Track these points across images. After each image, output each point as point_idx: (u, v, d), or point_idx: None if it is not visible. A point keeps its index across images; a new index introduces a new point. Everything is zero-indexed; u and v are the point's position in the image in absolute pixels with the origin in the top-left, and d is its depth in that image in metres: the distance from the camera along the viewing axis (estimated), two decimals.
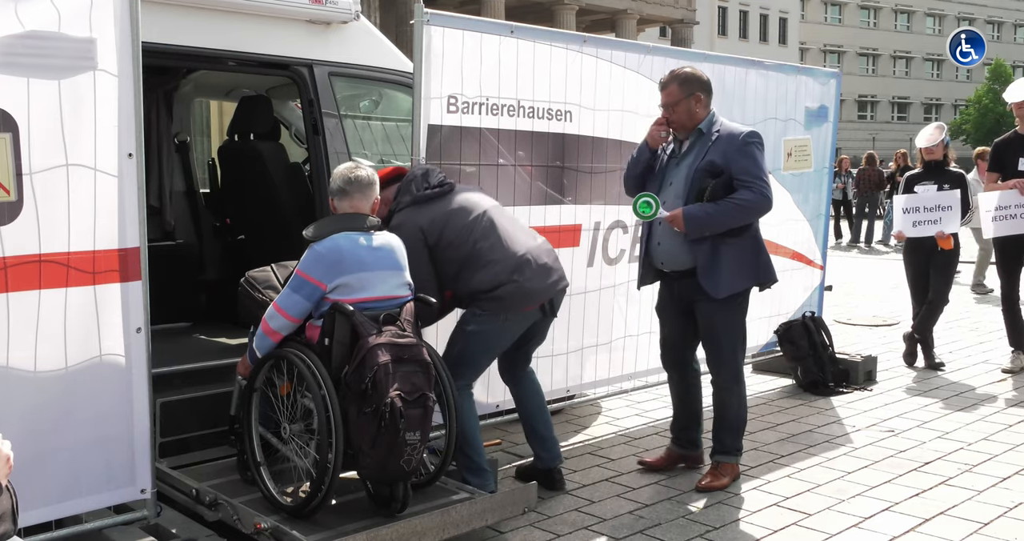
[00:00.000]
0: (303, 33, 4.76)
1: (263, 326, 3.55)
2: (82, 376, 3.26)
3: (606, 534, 3.86)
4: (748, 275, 4.35)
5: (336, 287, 3.45)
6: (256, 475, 3.64)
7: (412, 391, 3.33)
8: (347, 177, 3.64)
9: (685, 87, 4.28)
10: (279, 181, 5.49)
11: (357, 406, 3.29)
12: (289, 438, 3.56)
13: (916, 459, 4.82)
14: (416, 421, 3.31)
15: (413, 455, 3.34)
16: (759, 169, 4.22)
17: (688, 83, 4.29)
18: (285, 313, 3.50)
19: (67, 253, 3.17)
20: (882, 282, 11.98)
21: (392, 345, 3.34)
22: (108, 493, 3.41)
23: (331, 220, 3.64)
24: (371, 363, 3.27)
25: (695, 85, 4.30)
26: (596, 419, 5.60)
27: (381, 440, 3.26)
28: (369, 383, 3.25)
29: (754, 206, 4.19)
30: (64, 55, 3.13)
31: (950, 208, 6.59)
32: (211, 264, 6.33)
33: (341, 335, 3.39)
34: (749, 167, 4.19)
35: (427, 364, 3.44)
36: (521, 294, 3.94)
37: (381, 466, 3.34)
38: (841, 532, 3.88)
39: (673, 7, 39.07)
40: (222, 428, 4.08)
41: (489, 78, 4.45)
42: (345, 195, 3.64)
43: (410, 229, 3.88)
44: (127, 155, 3.31)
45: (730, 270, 4.25)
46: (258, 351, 3.61)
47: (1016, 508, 4.12)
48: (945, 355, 7.15)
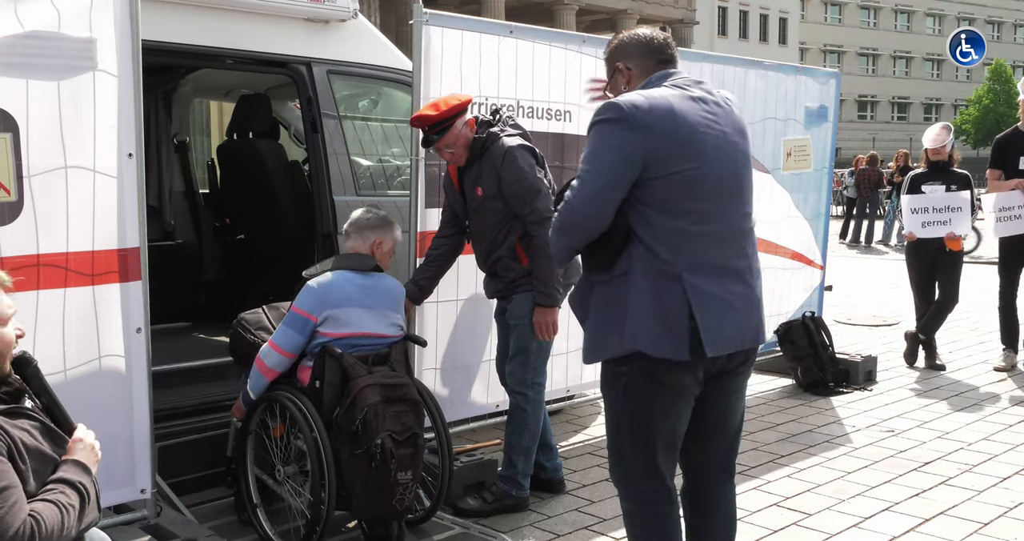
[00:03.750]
0: (301, 31, 4.76)
1: (258, 365, 3.57)
2: (82, 377, 3.25)
3: (606, 534, 3.86)
4: None
5: (325, 319, 3.50)
6: (253, 517, 3.70)
7: (403, 431, 3.38)
8: (353, 220, 3.78)
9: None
10: (278, 180, 5.50)
11: (348, 447, 3.34)
12: (284, 479, 3.60)
13: (916, 459, 4.81)
14: (407, 460, 3.36)
15: (405, 494, 3.39)
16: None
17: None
18: (279, 348, 3.52)
19: (66, 254, 3.17)
20: (882, 282, 11.97)
21: (382, 385, 3.41)
22: (108, 493, 3.38)
23: (330, 260, 3.74)
24: (361, 404, 3.33)
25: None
26: (596, 419, 5.60)
27: (373, 481, 3.31)
28: (360, 424, 3.30)
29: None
30: (64, 55, 3.13)
31: (960, 209, 6.58)
32: (211, 264, 6.34)
33: (332, 377, 3.44)
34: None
35: (417, 403, 3.51)
36: (575, 267, 3.96)
37: (374, 506, 3.39)
38: (841, 532, 3.88)
39: (673, 7, 39.10)
40: (219, 469, 4.07)
41: (488, 78, 4.45)
42: (349, 236, 3.77)
43: (529, 150, 3.89)
44: (127, 155, 3.31)
45: None
46: (252, 392, 3.63)
47: (1016, 508, 4.12)
48: (945, 355, 7.14)
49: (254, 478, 3.72)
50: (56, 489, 1.98)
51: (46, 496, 1.94)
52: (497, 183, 3.85)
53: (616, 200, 2.53)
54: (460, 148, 3.92)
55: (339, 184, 4.82)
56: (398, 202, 4.90)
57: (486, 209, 3.94)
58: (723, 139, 2.61)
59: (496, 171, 3.84)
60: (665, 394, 2.62)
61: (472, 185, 3.96)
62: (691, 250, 2.54)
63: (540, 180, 3.85)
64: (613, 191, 2.52)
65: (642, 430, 2.65)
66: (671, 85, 2.65)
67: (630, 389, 2.64)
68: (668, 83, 2.67)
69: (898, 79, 71.11)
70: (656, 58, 2.77)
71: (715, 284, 2.55)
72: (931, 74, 73.15)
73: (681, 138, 2.53)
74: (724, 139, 2.61)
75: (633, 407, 2.65)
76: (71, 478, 2.02)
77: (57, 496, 1.95)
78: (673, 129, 2.53)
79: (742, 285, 2.63)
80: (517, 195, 3.83)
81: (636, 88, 2.70)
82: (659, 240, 2.53)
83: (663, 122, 2.52)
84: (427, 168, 4.29)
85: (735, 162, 2.65)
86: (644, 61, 2.76)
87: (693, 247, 2.54)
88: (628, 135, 2.50)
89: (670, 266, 2.52)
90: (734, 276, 2.61)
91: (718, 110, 2.64)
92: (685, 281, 2.51)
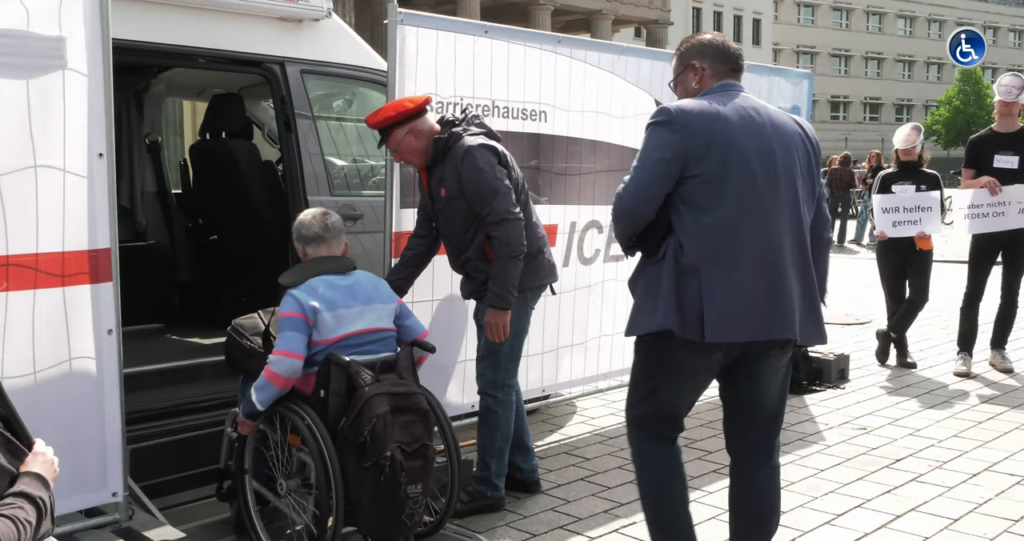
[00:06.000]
0: (274, 30, 4.73)
1: (267, 373, 3.32)
2: (52, 379, 3.21)
3: (582, 533, 3.87)
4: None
5: (316, 322, 3.35)
6: (254, 535, 3.55)
7: (412, 442, 3.22)
8: (324, 224, 3.62)
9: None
10: (252, 180, 5.46)
11: (356, 459, 3.18)
12: (285, 494, 3.44)
13: (888, 456, 4.86)
14: (417, 473, 3.20)
15: (415, 509, 3.22)
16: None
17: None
18: (288, 352, 3.31)
19: (36, 254, 3.13)
20: (855, 281, 12.08)
21: (391, 394, 3.24)
22: (79, 497, 3.37)
23: (306, 265, 3.56)
24: (369, 414, 3.16)
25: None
26: (571, 418, 5.61)
27: (382, 495, 3.15)
28: (368, 435, 3.14)
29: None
30: (33, 54, 3.09)
31: (930, 209, 6.67)
32: (184, 265, 6.29)
33: (337, 386, 3.27)
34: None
35: (426, 413, 3.34)
36: (549, 267, 4.10)
37: (382, 521, 3.22)
38: (814, 529, 3.91)
39: (648, 8, 39.23)
40: (194, 471, 4.02)
41: (464, 78, 4.44)
42: (323, 241, 3.61)
43: (490, 149, 3.84)
44: (97, 155, 3.28)
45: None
46: (261, 403, 3.38)
47: (985, 504, 4.17)
48: (916, 353, 7.22)
49: (254, 495, 3.57)
50: (14, 504, 1.94)
51: (3, 511, 1.91)
52: (459, 183, 3.83)
53: (658, 194, 2.84)
54: (407, 154, 3.90)
55: (313, 184, 4.79)
56: (373, 202, 4.89)
57: (451, 209, 3.91)
58: (764, 148, 2.87)
59: (457, 171, 3.82)
60: (677, 369, 2.97)
61: (437, 186, 3.93)
62: (713, 244, 2.80)
63: (499, 180, 3.80)
64: (655, 187, 2.84)
65: (652, 392, 3.04)
66: (728, 96, 2.93)
67: (650, 358, 3.01)
68: (727, 94, 2.95)
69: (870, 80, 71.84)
70: (729, 65, 3.04)
71: (734, 276, 2.79)
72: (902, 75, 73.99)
73: (717, 143, 2.81)
74: (765, 147, 2.87)
75: (651, 368, 3.02)
76: (30, 492, 1.98)
77: (14, 511, 1.92)
78: (712, 134, 2.81)
79: (771, 278, 2.84)
80: (476, 195, 3.79)
81: (705, 88, 3.00)
82: (687, 233, 2.82)
83: (705, 127, 2.82)
84: (402, 168, 4.28)
85: (774, 169, 2.88)
86: (719, 65, 3.03)
87: (715, 242, 2.80)
88: (672, 137, 2.82)
89: (691, 258, 2.80)
90: (762, 270, 2.83)
91: (766, 122, 2.92)
92: (702, 272, 2.78)
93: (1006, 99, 6.58)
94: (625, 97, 5.19)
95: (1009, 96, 6.56)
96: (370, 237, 4.71)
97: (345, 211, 4.78)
